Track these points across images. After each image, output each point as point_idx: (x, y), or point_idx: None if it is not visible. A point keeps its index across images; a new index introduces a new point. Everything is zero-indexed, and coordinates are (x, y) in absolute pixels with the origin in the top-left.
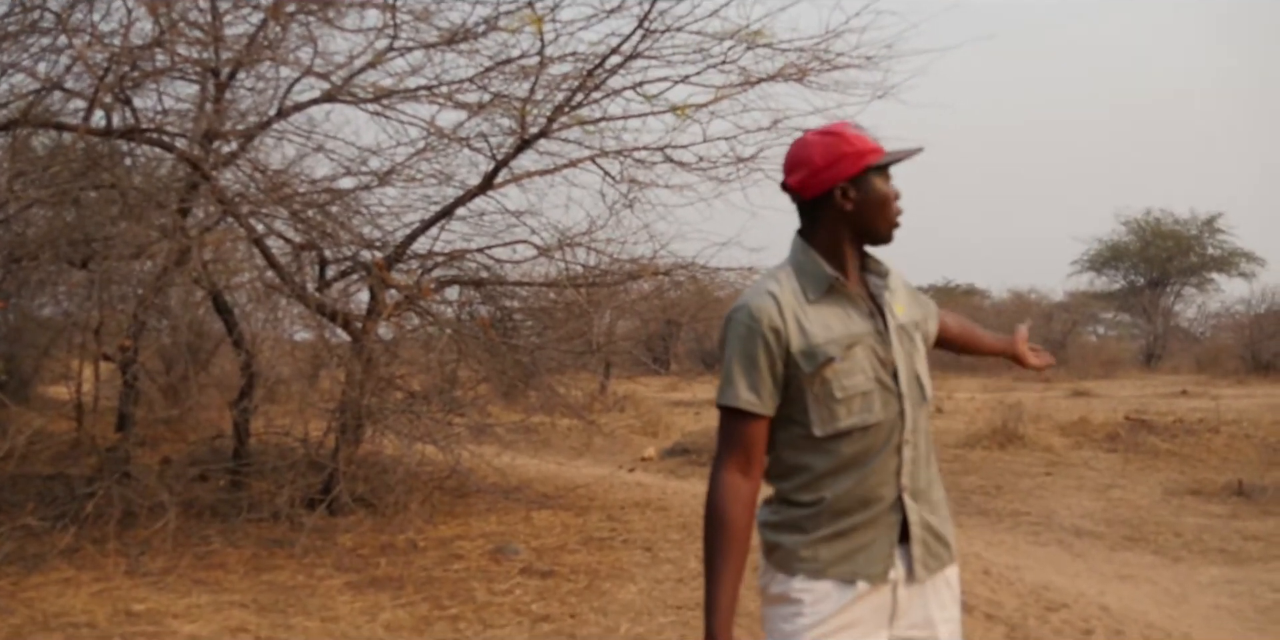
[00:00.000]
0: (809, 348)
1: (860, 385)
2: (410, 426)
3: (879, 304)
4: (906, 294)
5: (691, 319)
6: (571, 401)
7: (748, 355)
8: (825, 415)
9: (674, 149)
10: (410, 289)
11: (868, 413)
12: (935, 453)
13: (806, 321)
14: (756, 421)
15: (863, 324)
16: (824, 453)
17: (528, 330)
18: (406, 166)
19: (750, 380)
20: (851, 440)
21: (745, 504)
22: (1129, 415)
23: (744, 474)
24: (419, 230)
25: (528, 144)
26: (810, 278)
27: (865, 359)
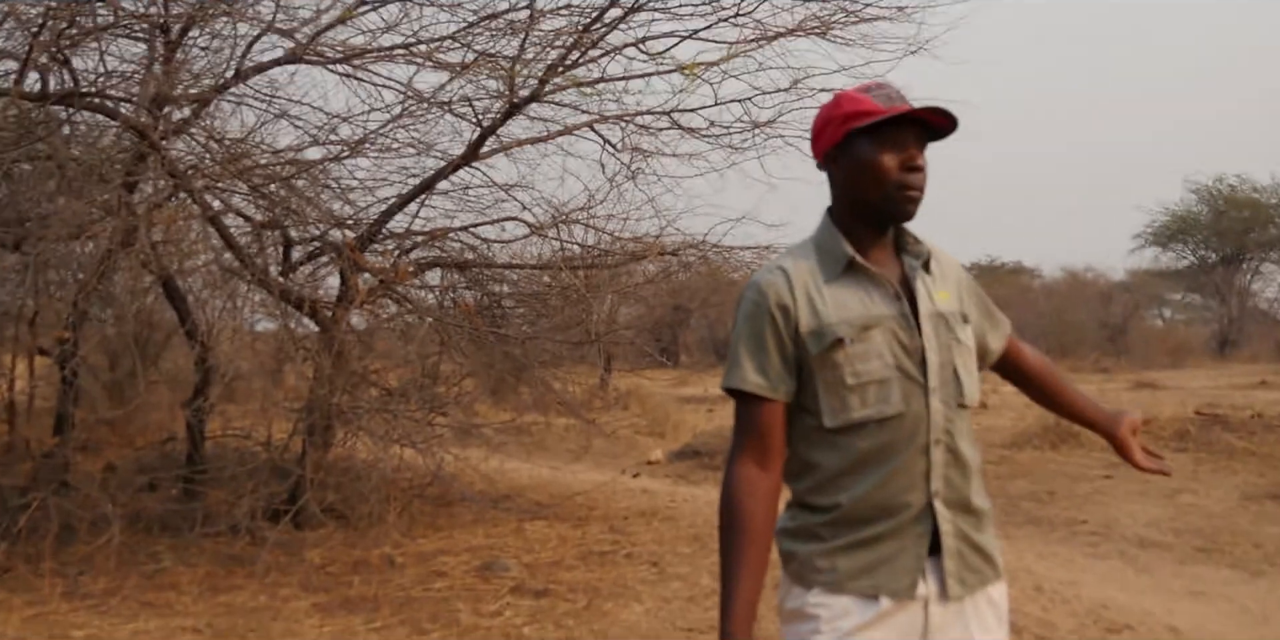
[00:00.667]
0: (818, 327)
1: (876, 372)
2: (386, 427)
3: (910, 287)
4: (960, 287)
5: (702, 304)
6: (568, 398)
7: (755, 334)
8: (836, 404)
9: (682, 113)
10: (386, 272)
11: (884, 403)
12: (978, 459)
13: (819, 300)
14: (769, 406)
15: (885, 306)
16: (837, 448)
17: (519, 318)
18: (381, 135)
19: (758, 361)
20: (867, 434)
21: (763, 498)
22: (1200, 410)
23: (761, 465)
24: (395, 206)
25: (517, 109)
26: (829, 255)
27: (885, 344)
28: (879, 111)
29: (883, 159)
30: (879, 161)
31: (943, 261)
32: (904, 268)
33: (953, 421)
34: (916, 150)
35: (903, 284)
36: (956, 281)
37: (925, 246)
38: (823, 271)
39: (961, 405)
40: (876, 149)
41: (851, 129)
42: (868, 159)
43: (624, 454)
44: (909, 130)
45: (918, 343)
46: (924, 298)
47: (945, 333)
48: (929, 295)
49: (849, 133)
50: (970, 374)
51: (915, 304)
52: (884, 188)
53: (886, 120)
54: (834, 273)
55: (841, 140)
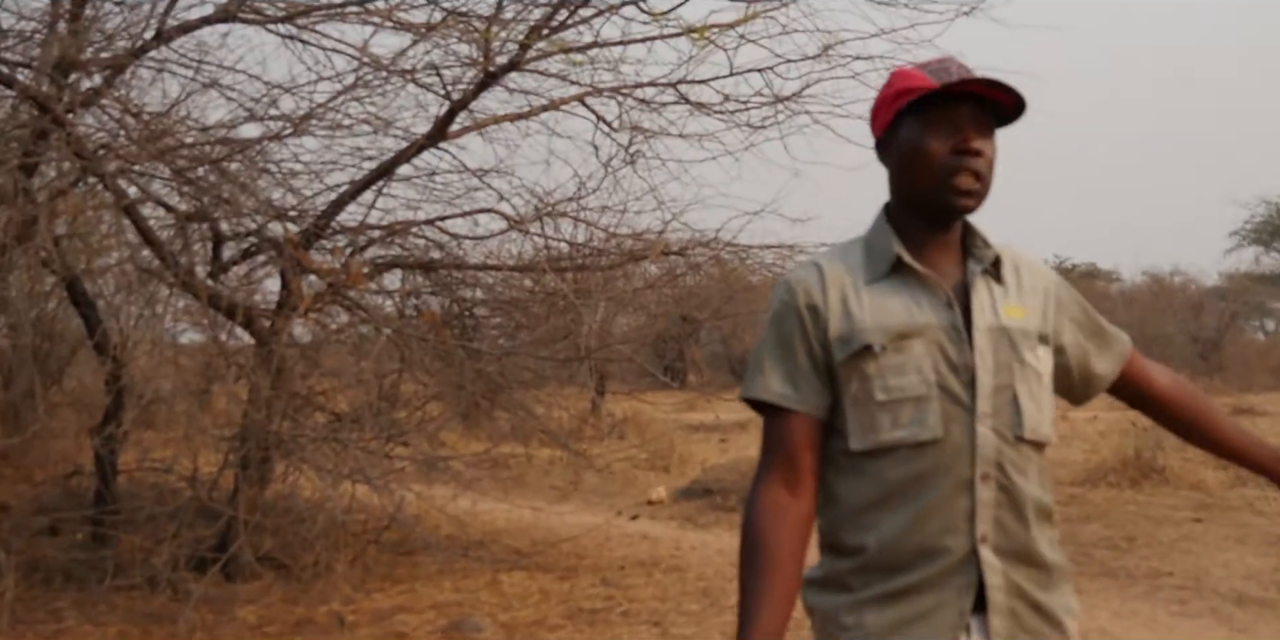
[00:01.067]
0: (848, 332)
1: (912, 388)
2: (336, 460)
3: (970, 294)
4: (1051, 302)
5: (715, 314)
6: (553, 426)
7: (782, 338)
8: (865, 423)
9: (691, 85)
10: (335, 275)
11: (919, 426)
12: (1048, 502)
13: (855, 302)
14: (797, 420)
15: (933, 314)
16: (864, 476)
17: (494, 330)
18: (330, 109)
19: (784, 369)
20: (897, 461)
21: (792, 525)
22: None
23: (789, 489)
24: (347, 195)
25: (494, 79)
26: (877, 254)
27: (926, 357)
28: (927, 87)
29: (929, 142)
30: (925, 145)
31: (1025, 271)
32: (965, 273)
33: (1006, 455)
34: (973, 132)
35: (961, 291)
36: (1044, 295)
37: (994, 251)
38: (866, 271)
39: (1021, 439)
40: (923, 131)
41: (900, 109)
42: (913, 143)
43: (620, 492)
44: (964, 110)
45: (968, 359)
46: (983, 308)
47: (1007, 351)
48: (991, 306)
49: (898, 114)
50: (1036, 403)
51: (970, 314)
52: (931, 176)
53: (935, 98)
54: (879, 273)
55: (891, 123)
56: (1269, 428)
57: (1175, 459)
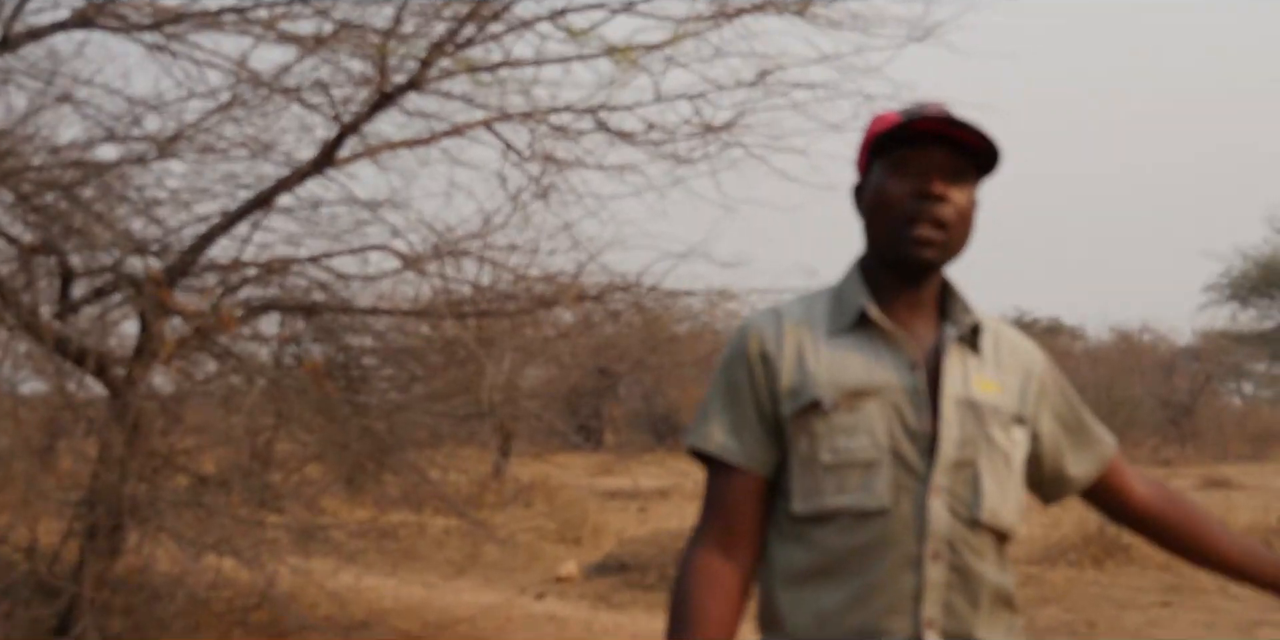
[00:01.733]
0: (799, 385)
1: (862, 451)
2: (199, 529)
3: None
4: (1031, 385)
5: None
6: (450, 491)
7: (731, 386)
8: (810, 485)
9: (611, 112)
10: (204, 318)
11: (865, 493)
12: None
13: (813, 355)
14: (739, 478)
15: (894, 375)
16: (805, 544)
17: (385, 382)
18: (202, 129)
19: (730, 420)
20: (840, 530)
21: (725, 594)
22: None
23: (725, 552)
24: (219, 228)
25: (390, 100)
26: (843, 304)
27: (880, 419)
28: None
29: (891, 186)
30: (886, 189)
31: (1007, 347)
32: (939, 338)
33: (960, 535)
34: (941, 177)
35: (932, 356)
36: (1025, 375)
37: (974, 317)
38: (829, 322)
39: (977, 522)
40: (887, 174)
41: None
42: (877, 187)
43: (525, 567)
44: (934, 154)
45: (927, 427)
46: (954, 377)
47: (974, 426)
48: (962, 376)
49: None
50: (1001, 487)
51: (939, 381)
52: (889, 223)
53: (903, 141)
54: (842, 326)
55: (866, 171)
56: (1245, 502)
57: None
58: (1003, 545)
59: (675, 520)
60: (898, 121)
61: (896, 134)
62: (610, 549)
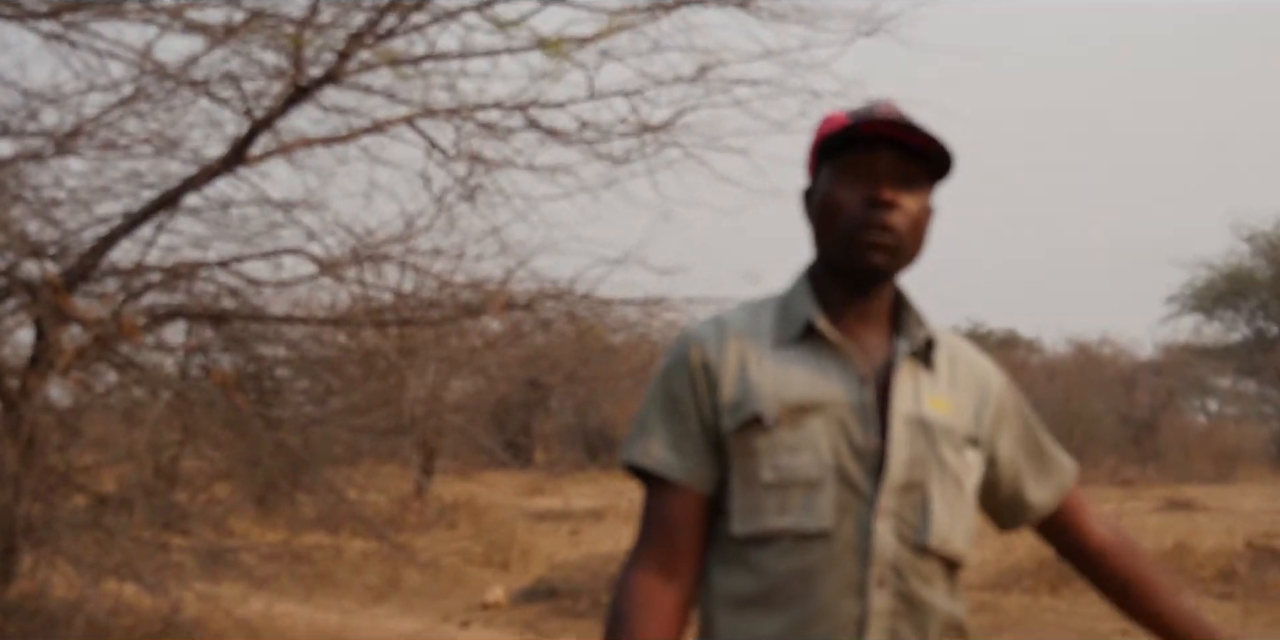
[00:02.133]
0: (740, 399)
1: (805, 470)
2: (98, 551)
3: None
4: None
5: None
6: (368, 511)
7: (670, 398)
8: (750, 505)
9: (542, 109)
10: (105, 326)
11: (807, 514)
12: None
13: (756, 367)
14: (679, 495)
15: (841, 390)
16: (745, 567)
17: (299, 395)
18: (103, 125)
19: (669, 434)
20: (781, 553)
21: (664, 619)
22: (1253, 541)
23: (665, 574)
24: (121, 230)
25: (305, 94)
26: (789, 314)
27: (824, 436)
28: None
29: (839, 191)
30: (835, 195)
31: (964, 365)
32: (892, 352)
33: (907, 561)
34: (891, 182)
35: (883, 371)
36: (981, 395)
37: (927, 331)
38: (775, 332)
39: (924, 548)
40: (835, 179)
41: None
42: (825, 192)
43: (448, 593)
44: (884, 157)
45: (874, 445)
46: (904, 394)
47: (924, 446)
48: (914, 393)
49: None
50: (951, 512)
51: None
52: (839, 230)
53: (855, 143)
54: (788, 337)
55: (815, 174)
56: (1209, 525)
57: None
58: (953, 573)
59: (609, 543)
60: (845, 123)
61: (845, 137)
62: (540, 573)
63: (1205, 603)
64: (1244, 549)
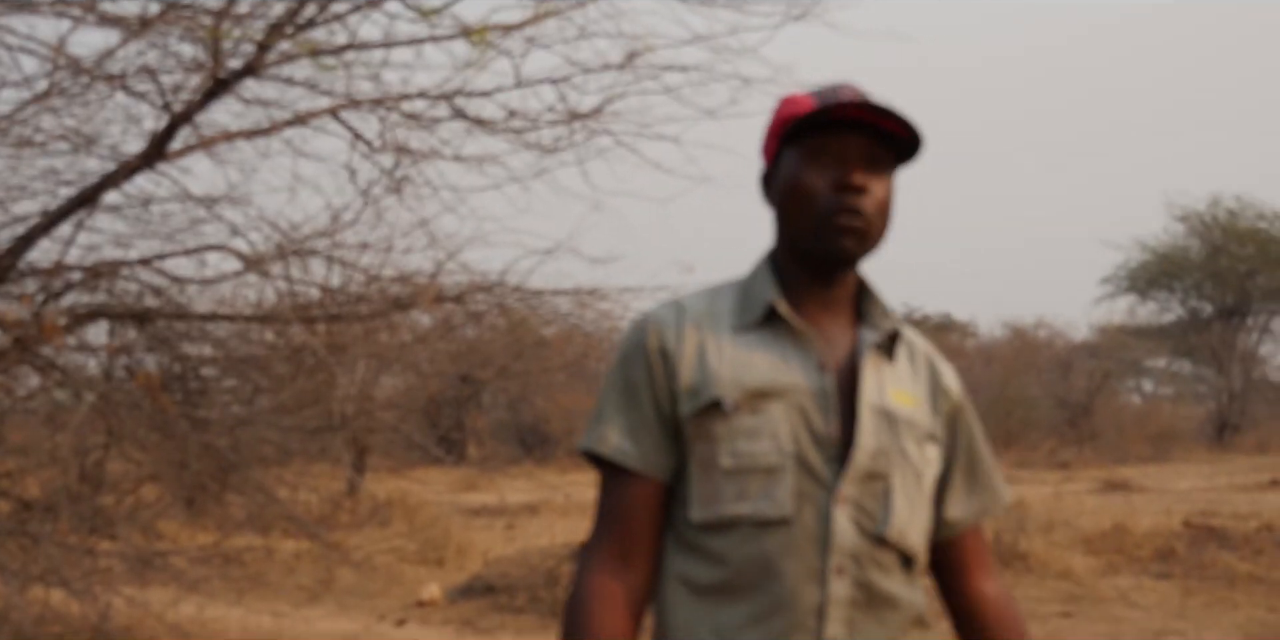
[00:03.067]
0: (699, 384)
1: (764, 456)
2: (23, 558)
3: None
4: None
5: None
6: (300, 511)
7: (627, 385)
8: (708, 491)
9: (469, 98)
10: (24, 327)
11: (766, 501)
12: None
13: (715, 352)
14: (636, 484)
15: (802, 376)
16: (703, 555)
17: (226, 394)
18: (17, 121)
19: (626, 420)
20: (740, 541)
21: (623, 610)
22: (1190, 520)
23: (622, 564)
24: (39, 229)
25: (225, 87)
26: (750, 299)
27: (785, 422)
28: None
29: (807, 176)
30: (802, 180)
31: (921, 359)
32: (857, 341)
33: (865, 551)
34: (860, 167)
35: (847, 360)
36: (935, 393)
37: (893, 323)
38: (735, 317)
39: (882, 540)
40: (802, 164)
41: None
42: (790, 177)
43: (383, 591)
44: (852, 141)
45: (835, 432)
46: (870, 385)
47: (888, 437)
48: (878, 385)
49: (781, 145)
50: (911, 506)
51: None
52: (808, 215)
53: (821, 127)
54: (749, 321)
55: (776, 157)
56: (1145, 505)
57: (1040, 543)
58: (910, 567)
59: (545, 538)
60: (813, 107)
61: (812, 121)
62: (476, 570)
63: (1144, 583)
64: (1182, 528)
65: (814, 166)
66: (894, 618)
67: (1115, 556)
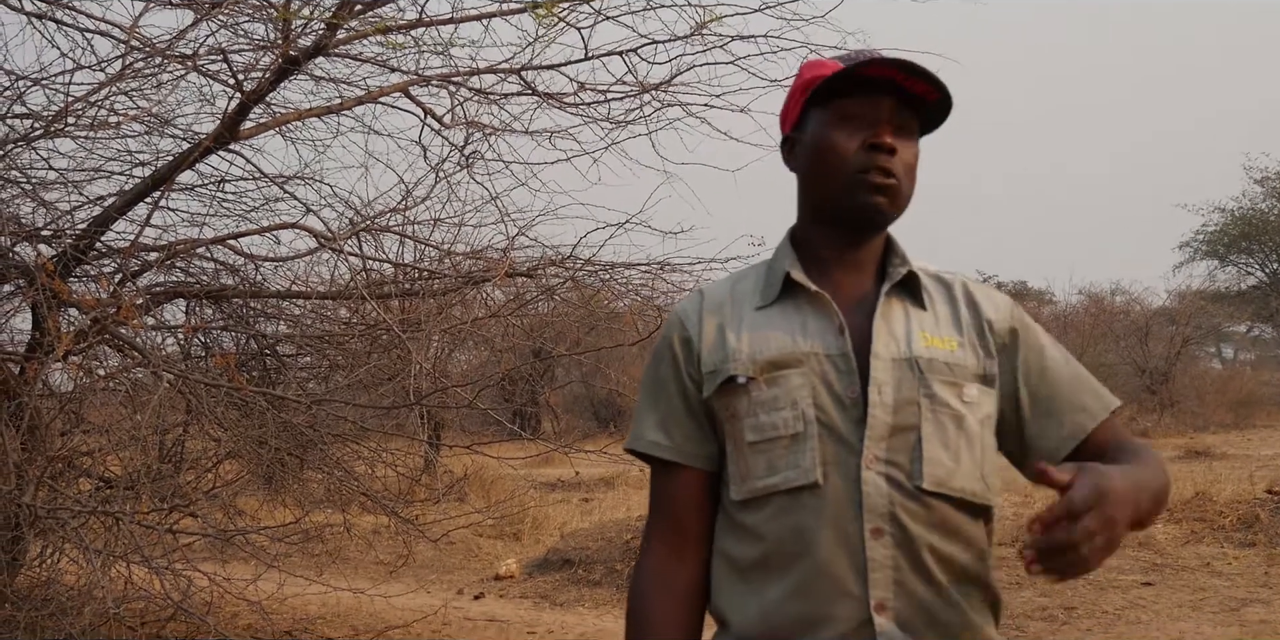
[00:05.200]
0: (718, 364)
1: (786, 425)
2: (106, 537)
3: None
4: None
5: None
6: (377, 487)
7: (657, 380)
8: (742, 469)
9: (538, 72)
10: (102, 308)
11: (793, 469)
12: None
13: (734, 331)
14: (678, 474)
15: (819, 341)
16: (745, 532)
17: (303, 372)
18: (92, 104)
19: (657, 415)
20: (775, 513)
21: (680, 597)
22: (1274, 487)
23: (675, 553)
24: (115, 210)
25: (296, 66)
26: (773, 275)
27: (803, 389)
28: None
29: (837, 137)
30: (832, 140)
31: (963, 300)
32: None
33: (904, 506)
34: (890, 128)
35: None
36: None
37: (907, 268)
38: (759, 295)
39: (922, 490)
40: (831, 124)
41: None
42: (819, 138)
43: (461, 566)
44: (881, 103)
45: (858, 393)
46: (884, 334)
47: (912, 385)
48: (904, 334)
49: (806, 108)
50: (950, 449)
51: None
52: (839, 176)
53: (849, 89)
54: (770, 295)
55: (800, 120)
56: (1228, 472)
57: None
58: (976, 517)
59: (621, 511)
60: (840, 68)
61: (840, 83)
62: (552, 544)
63: (1227, 551)
64: (1265, 496)
65: (843, 128)
66: (945, 578)
67: (1197, 525)
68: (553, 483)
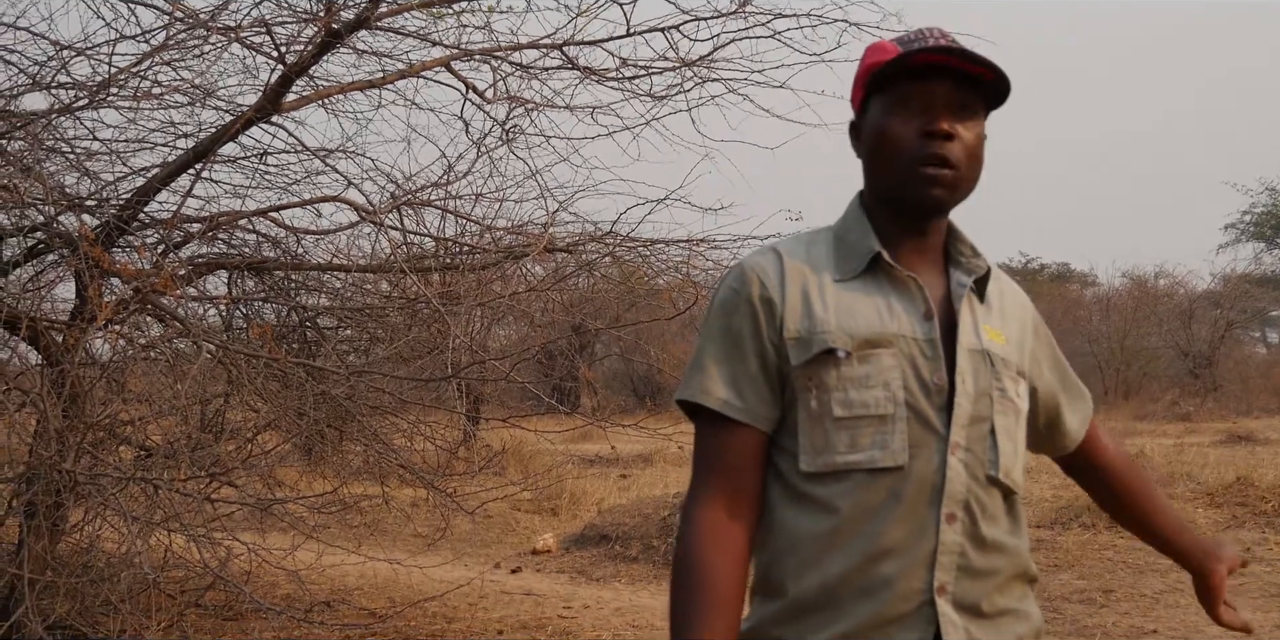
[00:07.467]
0: (807, 332)
1: (877, 405)
2: (146, 505)
3: (953, 308)
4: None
5: (613, 323)
6: (416, 460)
7: (729, 333)
8: (819, 441)
9: (580, 47)
10: (144, 278)
11: (880, 449)
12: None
13: (818, 299)
14: (741, 433)
15: (909, 324)
16: (812, 504)
17: (343, 344)
18: (136, 75)
19: (730, 371)
20: (850, 489)
21: (735, 555)
22: None
23: (729, 511)
24: (158, 180)
25: (338, 39)
26: (849, 248)
27: (895, 370)
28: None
29: (893, 124)
30: (888, 128)
31: (1008, 296)
32: (950, 284)
33: (976, 495)
34: (947, 112)
35: (944, 304)
36: (1021, 326)
37: (984, 262)
38: (835, 266)
39: (993, 480)
40: (887, 111)
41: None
42: (877, 126)
43: (498, 540)
44: (939, 87)
45: (944, 380)
46: (967, 326)
47: (988, 378)
48: (974, 326)
49: (868, 93)
50: (1013, 442)
51: (954, 331)
52: (895, 164)
53: (907, 73)
54: (851, 270)
55: (862, 106)
56: (1270, 458)
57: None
58: (1010, 504)
59: (659, 487)
60: (896, 53)
61: (896, 68)
62: (590, 519)
63: (1268, 536)
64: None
65: (900, 115)
66: (1002, 565)
67: (1239, 510)
68: (590, 458)
